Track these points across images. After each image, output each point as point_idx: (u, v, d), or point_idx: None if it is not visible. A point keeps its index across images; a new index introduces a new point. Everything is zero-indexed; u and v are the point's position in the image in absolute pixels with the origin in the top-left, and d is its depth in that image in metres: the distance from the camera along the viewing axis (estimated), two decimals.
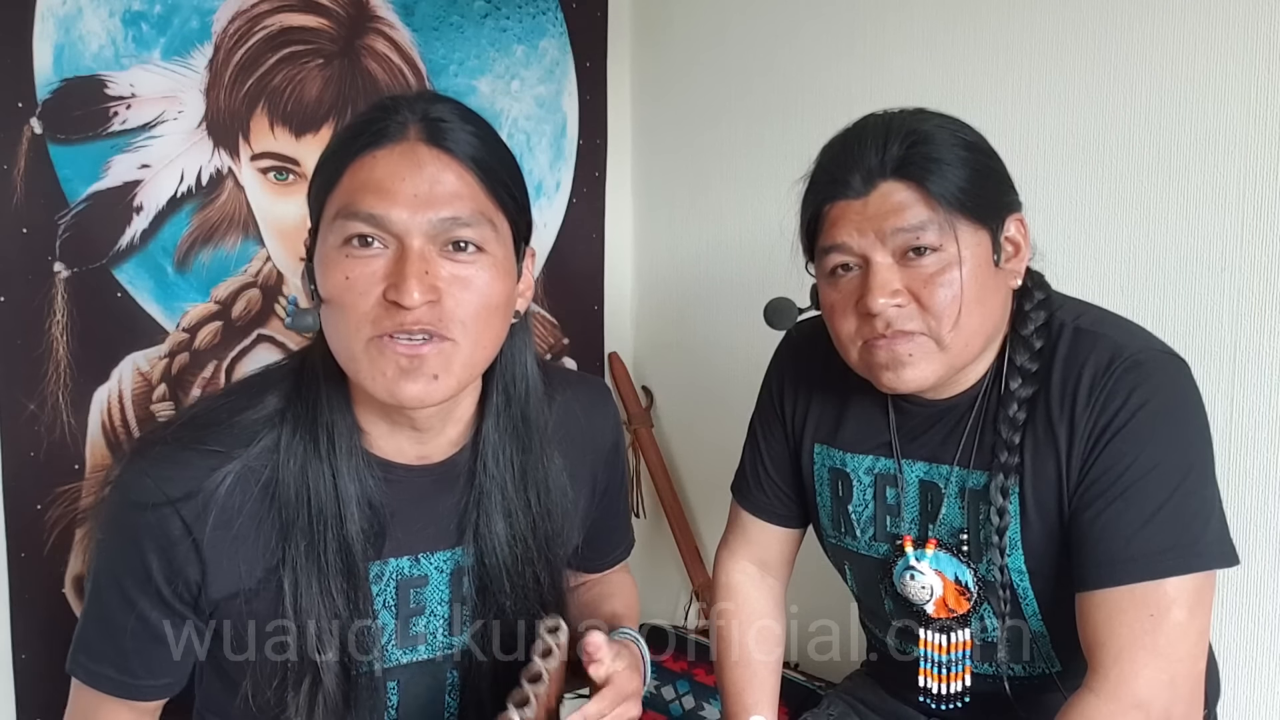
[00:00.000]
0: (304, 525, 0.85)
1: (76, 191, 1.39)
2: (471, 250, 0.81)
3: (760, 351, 1.22)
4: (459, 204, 0.80)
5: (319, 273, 0.82)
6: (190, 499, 0.82)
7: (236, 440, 0.85)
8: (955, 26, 1.45)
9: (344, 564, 0.86)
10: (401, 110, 0.81)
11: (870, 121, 0.95)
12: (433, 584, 0.93)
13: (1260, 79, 1.17)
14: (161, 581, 0.84)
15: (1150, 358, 0.92)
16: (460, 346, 0.81)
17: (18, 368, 1.37)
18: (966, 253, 0.91)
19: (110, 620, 0.86)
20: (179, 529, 0.82)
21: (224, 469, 0.84)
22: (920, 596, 1.03)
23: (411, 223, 0.78)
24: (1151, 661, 0.87)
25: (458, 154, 0.81)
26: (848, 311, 0.95)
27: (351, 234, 0.79)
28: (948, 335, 0.91)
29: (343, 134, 0.84)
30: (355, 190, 0.79)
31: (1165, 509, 0.88)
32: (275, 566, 0.85)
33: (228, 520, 0.84)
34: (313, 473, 0.85)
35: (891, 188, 0.91)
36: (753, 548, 1.19)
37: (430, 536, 0.92)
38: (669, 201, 1.96)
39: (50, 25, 1.36)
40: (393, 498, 0.89)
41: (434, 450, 0.91)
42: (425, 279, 0.78)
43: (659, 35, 1.95)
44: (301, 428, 0.86)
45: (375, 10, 1.64)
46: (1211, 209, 1.21)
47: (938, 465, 1.02)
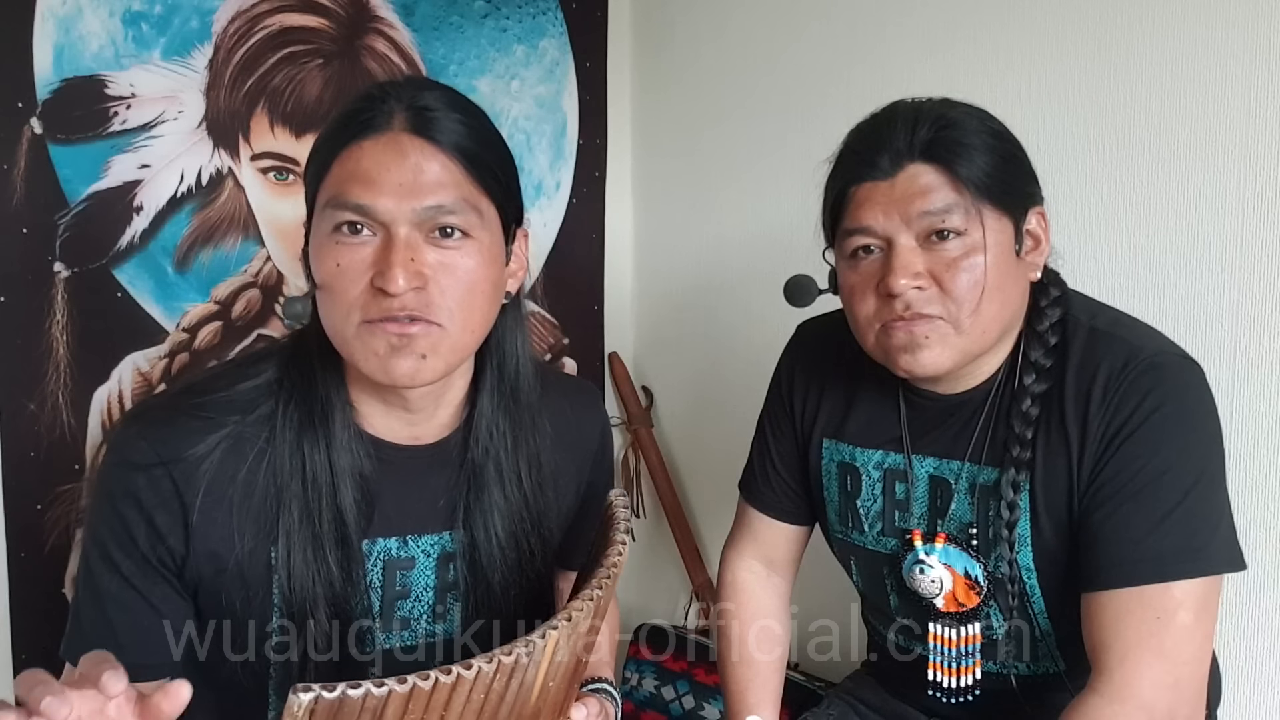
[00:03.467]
0: (298, 493, 0.86)
1: (76, 191, 1.39)
2: (457, 236, 0.83)
3: (761, 351, 1.22)
4: (443, 192, 0.82)
5: (313, 259, 0.85)
6: (182, 461, 0.84)
7: (232, 408, 0.87)
8: (955, 26, 1.45)
9: (338, 533, 0.87)
10: (389, 100, 0.83)
11: (900, 106, 0.96)
12: (419, 568, 0.94)
13: (1260, 79, 1.17)
14: (147, 548, 0.84)
15: (1166, 361, 0.92)
16: (447, 331, 0.83)
17: (18, 368, 1.37)
18: (990, 239, 0.91)
19: (98, 592, 0.86)
20: (169, 490, 0.83)
21: (219, 433, 0.85)
22: (929, 590, 1.03)
23: (397, 211, 0.80)
24: (1156, 663, 0.87)
25: (442, 143, 0.82)
26: (867, 293, 0.95)
27: (340, 222, 0.81)
28: (966, 320, 0.91)
29: (333, 123, 0.85)
30: (344, 180, 0.81)
31: (1176, 513, 0.88)
32: (267, 534, 0.86)
33: (220, 486, 0.85)
34: (308, 443, 0.87)
35: (919, 170, 0.91)
36: (759, 545, 1.20)
37: (419, 518, 0.93)
38: (669, 201, 1.97)
39: (50, 25, 1.35)
40: (383, 476, 0.91)
41: (426, 431, 0.93)
42: (410, 266, 0.80)
43: (659, 35, 1.95)
44: (296, 399, 0.88)
45: (375, 10, 1.64)
46: (1211, 209, 1.21)
47: (948, 461, 1.02)
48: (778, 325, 1.23)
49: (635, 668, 1.73)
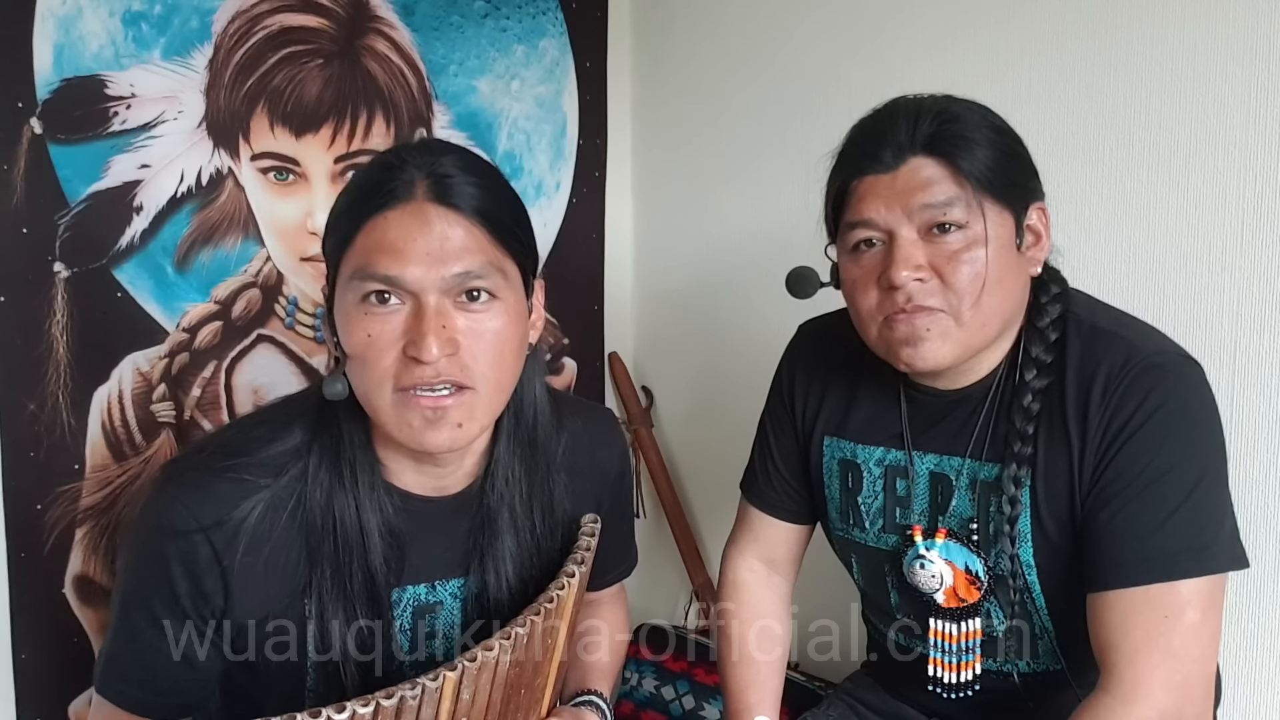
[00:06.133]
0: (330, 553, 0.89)
1: (76, 191, 1.39)
2: (485, 298, 0.85)
3: (761, 351, 1.22)
4: (469, 258, 0.83)
5: (341, 328, 0.86)
6: (221, 526, 0.86)
7: (265, 470, 0.88)
8: (955, 25, 1.45)
9: (369, 592, 0.90)
10: (408, 168, 0.84)
11: (901, 102, 0.97)
12: (445, 609, 0.97)
13: (1260, 79, 1.17)
14: (189, 605, 0.87)
15: (1166, 360, 0.92)
16: (480, 394, 0.85)
17: (18, 368, 1.37)
18: (992, 232, 0.91)
19: (138, 640, 0.89)
20: (208, 555, 0.86)
21: (254, 498, 0.87)
22: (930, 585, 1.03)
23: (425, 280, 0.82)
24: (1165, 662, 0.87)
25: (464, 209, 0.84)
26: (869, 286, 0.95)
27: (369, 291, 0.83)
28: (967, 313, 0.92)
29: (352, 193, 0.87)
30: (370, 251, 0.83)
31: (1181, 511, 0.88)
32: (300, 591, 0.89)
33: (256, 547, 0.87)
34: (338, 504, 0.89)
35: (921, 163, 0.92)
36: (761, 544, 1.20)
37: (446, 564, 0.96)
38: (669, 201, 1.97)
39: (50, 25, 1.35)
40: (413, 527, 0.93)
41: (452, 482, 0.96)
42: (443, 333, 0.82)
43: (659, 35, 1.95)
44: (327, 462, 0.90)
45: (375, 10, 1.64)
46: (1211, 209, 1.21)
47: (949, 457, 1.02)
48: (778, 325, 1.23)
49: (635, 668, 1.73)
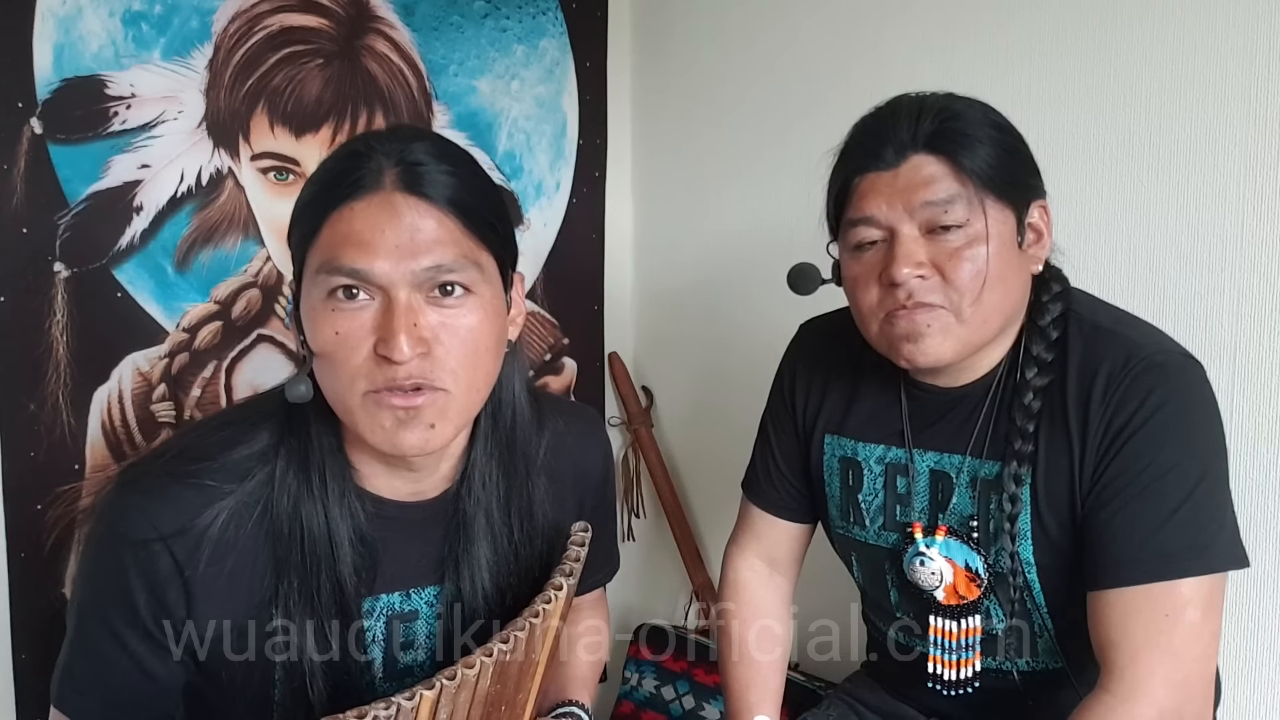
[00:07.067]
0: (297, 562, 0.84)
1: (76, 191, 1.39)
2: (459, 293, 0.80)
3: (761, 350, 1.22)
4: (441, 250, 0.79)
5: (308, 325, 0.82)
6: (183, 535, 0.81)
7: (229, 475, 0.84)
8: (955, 25, 1.45)
9: (338, 603, 0.85)
10: (375, 155, 0.79)
11: (903, 100, 0.97)
12: (422, 618, 0.93)
13: (1260, 79, 1.17)
14: (148, 617, 0.83)
15: (1168, 359, 0.93)
16: (453, 395, 0.81)
17: (18, 368, 1.37)
18: (993, 229, 0.92)
19: (96, 654, 0.84)
20: (169, 566, 0.81)
21: (218, 505, 0.82)
22: (930, 582, 1.03)
23: (395, 274, 0.77)
24: (1166, 661, 0.87)
25: (435, 199, 0.79)
26: (870, 283, 0.95)
27: (335, 287, 0.78)
28: (968, 310, 0.92)
29: (317, 183, 0.82)
30: (336, 244, 0.78)
31: (1182, 510, 0.89)
32: (267, 602, 0.84)
33: (220, 557, 0.83)
34: (306, 511, 0.85)
35: (922, 160, 0.92)
36: (762, 544, 1.20)
37: (421, 571, 0.92)
38: (669, 201, 1.96)
39: (50, 25, 1.35)
40: (386, 533, 0.89)
41: (427, 487, 0.91)
42: (414, 331, 0.78)
43: (659, 35, 1.95)
44: (294, 465, 0.85)
45: (375, 10, 1.64)
46: (1211, 208, 1.21)
47: (949, 455, 1.02)
48: (778, 324, 1.23)
49: (635, 668, 1.73)
